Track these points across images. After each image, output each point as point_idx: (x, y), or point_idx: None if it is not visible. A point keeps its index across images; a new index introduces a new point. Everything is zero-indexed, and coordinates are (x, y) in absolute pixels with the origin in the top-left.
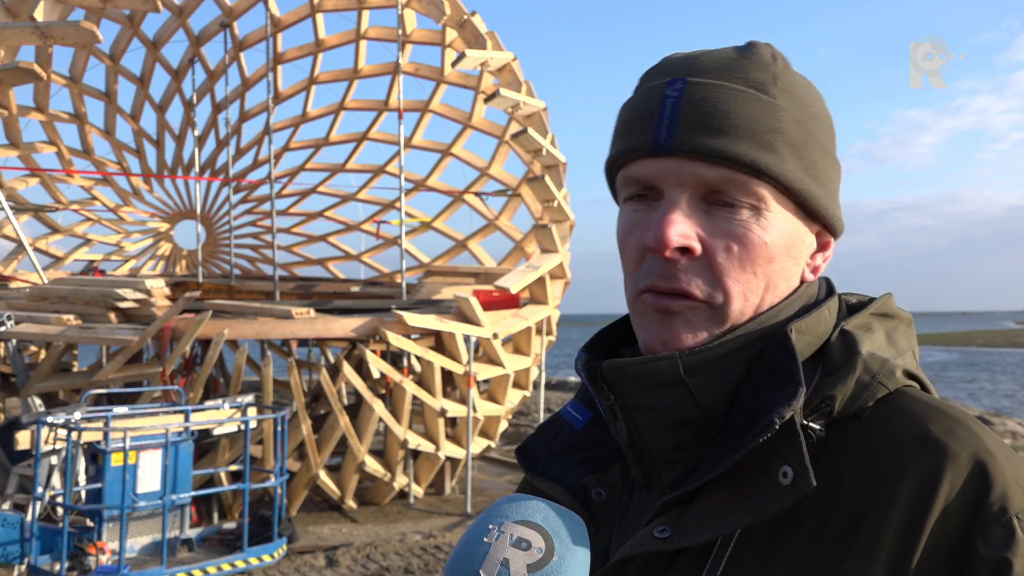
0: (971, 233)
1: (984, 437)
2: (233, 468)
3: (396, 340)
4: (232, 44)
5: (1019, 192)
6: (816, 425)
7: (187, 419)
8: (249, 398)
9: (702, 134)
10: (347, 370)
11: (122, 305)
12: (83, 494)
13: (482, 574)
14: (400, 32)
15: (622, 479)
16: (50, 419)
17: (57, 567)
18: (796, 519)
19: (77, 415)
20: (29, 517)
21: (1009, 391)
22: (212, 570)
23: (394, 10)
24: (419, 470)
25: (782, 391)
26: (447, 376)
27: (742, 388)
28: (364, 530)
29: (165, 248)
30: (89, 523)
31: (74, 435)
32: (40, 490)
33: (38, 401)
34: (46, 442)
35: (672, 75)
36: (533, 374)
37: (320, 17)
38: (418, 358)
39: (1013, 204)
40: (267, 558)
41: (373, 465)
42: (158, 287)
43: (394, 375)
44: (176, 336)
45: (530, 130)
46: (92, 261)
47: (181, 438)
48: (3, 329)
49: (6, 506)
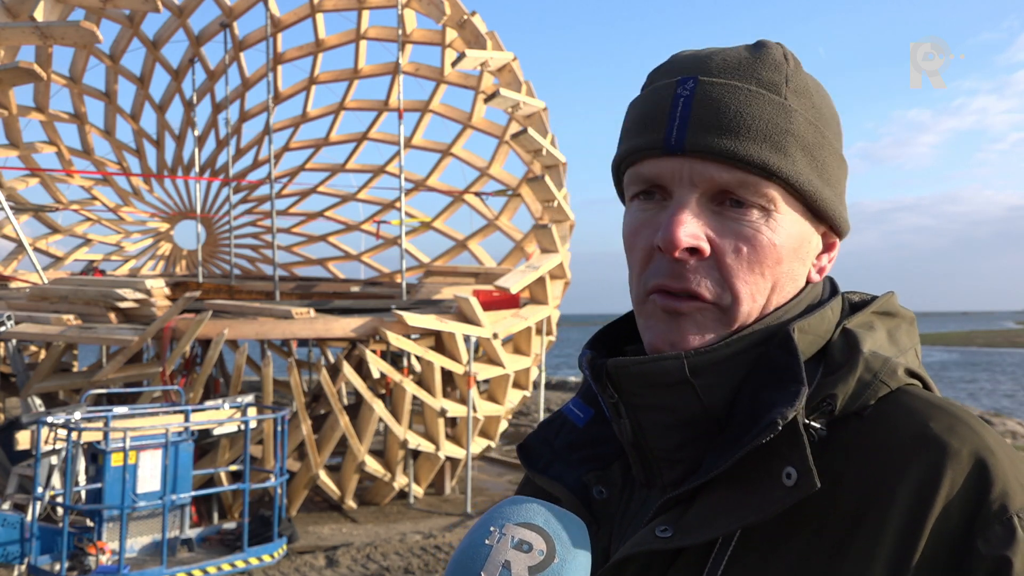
0: (971, 233)
1: (985, 435)
2: (233, 468)
3: (396, 340)
4: (232, 44)
5: (1019, 192)
6: (817, 424)
7: (187, 419)
8: (249, 398)
9: (714, 134)
10: (347, 370)
11: (122, 305)
12: (83, 494)
13: None
14: (400, 32)
15: (623, 477)
16: (50, 419)
17: (57, 567)
18: (797, 518)
19: (77, 415)
20: (29, 517)
21: (1009, 391)
22: (212, 570)
23: (394, 10)
24: (419, 470)
25: (784, 391)
26: (447, 376)
27: (743, 387)
28: (364, 530)
29: (165, 248)
30: (89, 523)
31: (74, 435)
32: (40, 490)
33: (38, 401)
34: (46, 442)
35: (683, 74)
36: (533, 374)
37: (320, 17)
38: (418, 358)
39: (1013, 204)
40: (267, 558)
41: (373, 465)
42: (158, 287)
43: (394, 375)
44: (176, 336)
45: (530, 130)
46: (92, 261)
47: (181, 438)
48: (3, 329)
49: (6, 506)
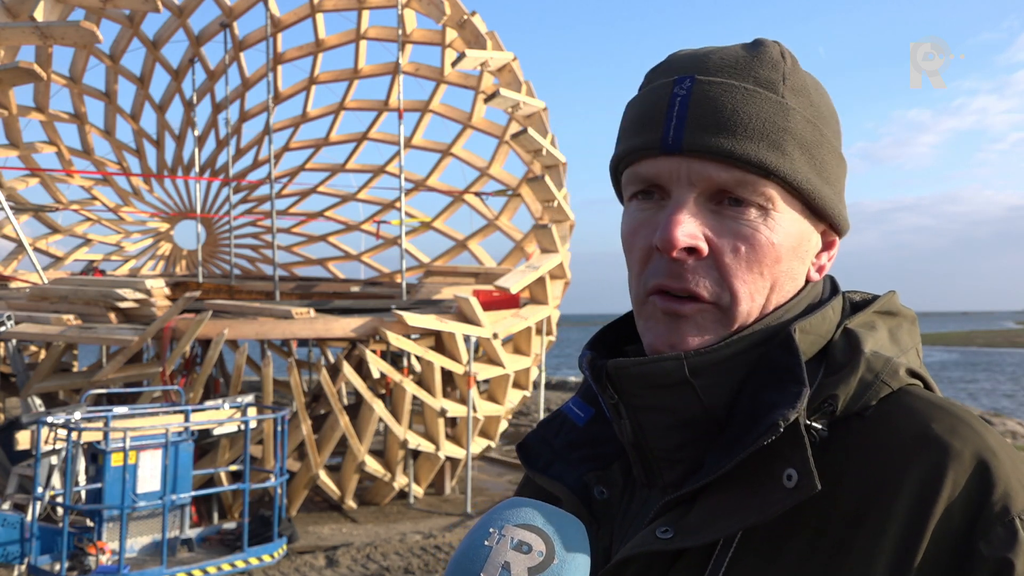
0: (971, 233)
1: (987, 436)
2: (233, 468)
3: (396, 340)
4: (232, 44)
5: (1019, 192)
6: (819, 425)
7: (187, 419)
8: (249, 398)
9: (711, 134)
10: (347, 370)
11: (122, 305)
12: (83, 494)
13: None
14: (400, 32)
15: (623, 477)
16: (50, 419)
17: (57, 567)
18: (798, 519)
19: (77, 415)
20: (29, 517)
21: (1009, 391)
22: (212, 570)
23: (394, 10)
24: (419, 470)
25: (785, 392)
26: (447, 376)
27: (743, 388)
28: (364, 530)
29: (165, 248)
30: (89, 523)
31: (74, 435)
32: (40, 490)
33: (38, 401)
34: (46, 442)
35: (680, 73)
36: (533, 374)
37: (320, 17)
38: (418, 358)
39: (1013, 204)
40: (267, 558)
41: (373, 465)
42: (158, 287)
43: (394, 375)
44: (176, 336)
45: (530, 130)
46: (92, 261)
47: (181, 438)
48: (3, 329)
49: (6, 506)
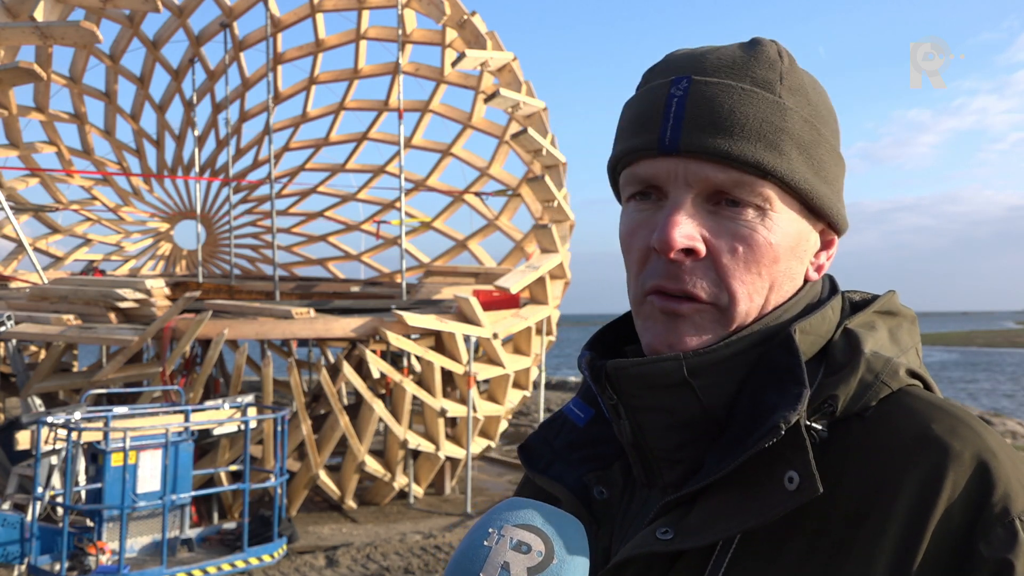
0: (971, 233)
1: (987, 437)
2: (233, 468)
3: (396, 340)
4: (232, 44)
5: (1019, 192)
6: (819, 426)
7: (187, 419)
8: (249, 398)
9: (708, 134)
10: (347, 370)
11: (122, 305)
12: (83, 494)
13: None
14: (400, 32)
15: (623, 478)
16: (50, 419)
17: (57, 567)
18: (797, 520)
19: (77, 415)
20: (29, 517)
21: (1009, 391)
22: (212, 570)
23: (394, 10)
24: (419, 470)
25: (785, 393)
26: (447, 376)
27: (743, 388)
28: (364, 530)
29: (165, 248)
30: (89, 523)
31: (74, 435)
32: (40, 490)
33: (38, 401)
34: (46, 442)
35: (677, 73)
36: (533, 374)
37: (320, 17)
38: (418, 358)
39: (1013, 204)
40: (267, 558)
41: (373, 465)
42: (158, 287)
43: (394, 375)
44: (176, 336)
45: (530, 130)
46: (92, 261)
47: (181, 438)
48: (3, 329)
49: (6, 506)
